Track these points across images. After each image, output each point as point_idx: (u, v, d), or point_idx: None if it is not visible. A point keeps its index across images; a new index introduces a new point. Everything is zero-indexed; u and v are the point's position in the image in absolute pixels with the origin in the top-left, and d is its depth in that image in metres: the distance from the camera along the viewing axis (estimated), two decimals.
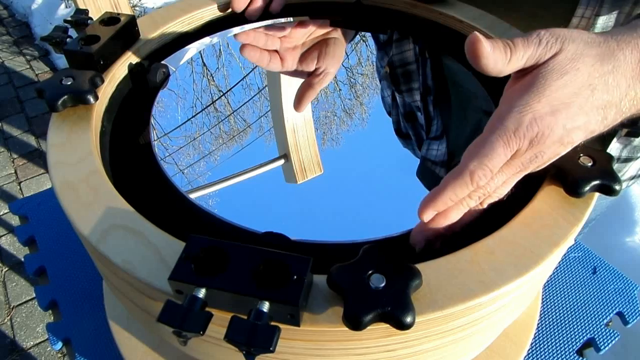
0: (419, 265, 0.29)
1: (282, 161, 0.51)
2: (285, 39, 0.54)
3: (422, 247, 0.34)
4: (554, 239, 0.32)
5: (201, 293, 0.27)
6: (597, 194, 0.36)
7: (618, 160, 0.62)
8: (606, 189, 0.35)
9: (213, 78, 0.60)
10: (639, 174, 0.68)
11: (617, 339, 0.58)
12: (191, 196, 0.41)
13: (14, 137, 2.04)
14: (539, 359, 0.56)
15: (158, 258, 0.31)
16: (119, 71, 0.49)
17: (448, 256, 0.31)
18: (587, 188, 0.34)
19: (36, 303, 1.44)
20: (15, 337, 1.39)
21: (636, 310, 0.61)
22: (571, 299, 0.61)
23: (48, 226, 0.71)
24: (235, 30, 0.59)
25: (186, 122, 0.53)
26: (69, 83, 0.42)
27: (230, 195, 0.46)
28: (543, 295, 0.62)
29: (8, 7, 2.90)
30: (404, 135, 0.57)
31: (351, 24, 0.59)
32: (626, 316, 0.60)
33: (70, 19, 0.50)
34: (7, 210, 1.72)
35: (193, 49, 0.57)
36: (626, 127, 0.36)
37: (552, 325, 0.59)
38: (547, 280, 0.61)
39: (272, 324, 0.26)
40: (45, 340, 1.38)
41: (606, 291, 0.62)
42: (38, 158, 1.95)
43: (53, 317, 0.62)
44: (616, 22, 0.52)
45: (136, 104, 0.49)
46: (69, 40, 0.47)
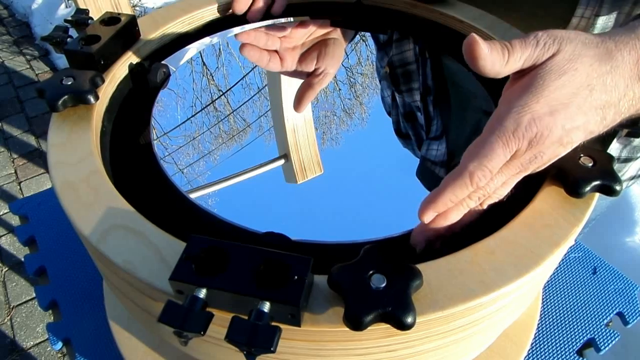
0: (419, 266, 0.29)
1: (282, 161, 0.51)
2: (285, 39, 0.54)
3: (423, 248, 0.34)
4: (554, 239, 0.32)
5: (202, 293, 0.27)
6: (598, 195, 0.36)
7: (618, 160, 0.62)
8: (607, 190, 0.35)
9: (213, 77, 0.60)
10: (639, 174, 0.68)
11: (617, 339, 0.58)
12: (191, 196, 0.41)
13: (14, 137, 2.04)
14: (539, 359, 0.56)
15: (159, 258, 0.31)
16: (119, 71, 0.49)
17: (448, 256, 0.31)
18: (588, 188, 0.34)
19: (36, 303, 1.44)
20: (15, 337, 1.39)
21: (636, 311, 0.61)
22: (571, 299, 0.61)
23: (48, 226, 0.71)
24: (236, 31, 0.59)
25: (186, 122, 0.53)
26: (70, 83, 0.42)
27: (230, 195, 0.46)
28: (543, 295, 0.62)
29: (8, 7, 2.90)
30: (403, 135, 0.57)
31: (351, 24, 0.59)
32: (626, 316, 0.60)
33: (70, 18, 0.50)
34: (7, 210, 1.72)
35: (193, 49, 0.57)
36: (626, 128, 0.36)
37: (552, 326, 0.59)
38: (547, 281, 0.61)
39: (273, 324, 0.26)
40: (45, 340, 1.38)
41: (606, 291, 0.62)
42: (38, 158, 1.95)
43: (53, 317, 0.62)
44: (616, 22, 0.52)
45: (136, 104, 0.49)
46: (69, 40, 0.47)
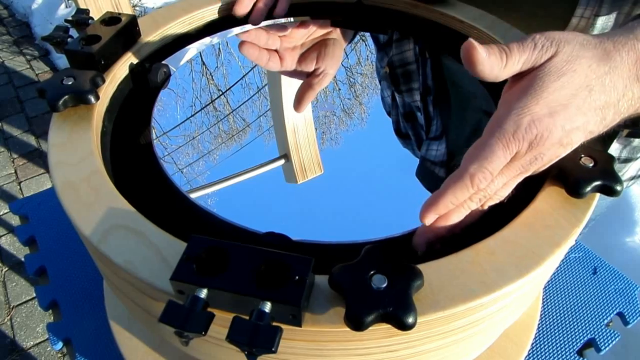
0: (420, 266, 0.29)
1: (283, 161, 0.51)
2: (285, 39, 0.53)
3: (424, 250, 0.34)
4: (555, 240, 0.32)
5: (203, 293, 0.27)
6: (598, 195, 0.36)
7: (618, 160, 0.62)
8: (607, 190, 0.35)
9: (212, 77, 0.60)
10: (639, 174, 0.68)
11: (618, 339, 0.58)
12: (192, 196, 0.41)
13: (14, 137, 2.04)
14: (539, 359, 0.56)
15: (159, 258, 0.31)
16: (120, 71, 0.49)
17: (449, 257, 0.31)
18: (589, 189, 0.34)
19: (36, 303, 1.44)
20: (15, 337, 1.39)
21: (637, 311, 0.61)
22: (571, 300, 0.61)
23: (48, 226, 0.71)
24: (236, 31, 0.59)
25: (185, 121, 0.53)
26: (70, 83, 0.42)
27: (230, 195, 0.46)
28: (543, 295, 0.62)
29: (8, 7, 2.90)
30: (403, 135, 0.57)
31: (352, 24, 0.59)
32: (627, 316, 0.60)
33: (71, 18, 0.50)
34: (7, 210, 1.72)
35: (193, 49, 0.57)
36: (627, 128, 0.36)
37: (553, 326, 0.59)
38: (548, 281, 0.61)
39: (274, 324, 0.26)
40: (45, 340, 1.38)
41: (606, 291, 0.62)
42: (38, 158, 1.95)
43: (53, 317, 0.62)
44: (615, 22, 0.52)
45: (137, 104, 0.49)
46: (70, 40, 0.47)
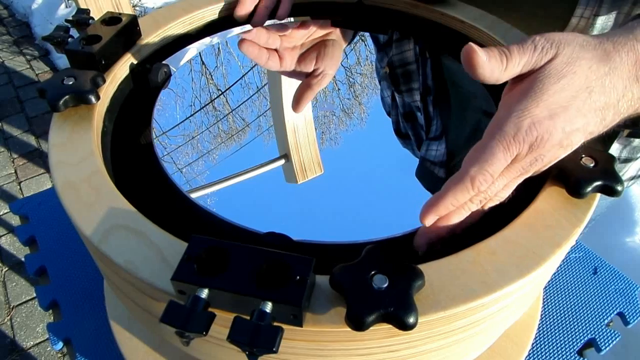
0: (421, 266, 0.29)
1: (283, 161, 0.51)
2: (285, 38, 0.53)
3: (425, 251, 0.34)
4: (556, 240, 0.32)
5: (204, 293, 0.27)
6: (599, 195, 0.36)
7: (618, 160, 0.62)
8: (608, 190, 0.35)
9: (212, 77, 0.60)
10: (639, 174, 0.68)
11: (618, 339, 0.58)
12: (192, 196, 0.41)
13: (14, 137, 2.04)
14: (539, 359, 0.56)
15: (160, 258, 0.31)
16: (120, 71, 0.49)
17: (450, 257, 0.31)
18: (589, 189, 0.34)
19: (36, 303, 1.44)
20: (15, 337, 1.39)
21: (637, 311, 0.61)
22: (572, 300, 0.61)
23: (49, 226, 0.71)
24: (236, 31, 0.59)
25: (185, 121, 0.53)
26: (71, 83, 0.42)
27: (230, 195, 0.46)
28: (544, 295, 0.62)
29: (8, 7, 2.90)
30: (403, 135, 0.57)
31: (352, 24, 0.59)
32: (627, 316, 0.60)
33: (71, 18, 0.50)
34: (7, 210, 1.72)
35: (194, 49, 0.57)
36: (627, 128, 0.36)
37: (553, 326, 0.59)
38: (548, 281, 0.61)
39: (275, 324, 0.26)
40: (45, 340, 1.38)
41: (607, 291, 0.62)
42: (38, 158, 1.95)
43: (53, 317, 0.62)
44: (615, 22, 0.52)
45: (138, 104, 0.49)
46: (70, 40, 0.47)
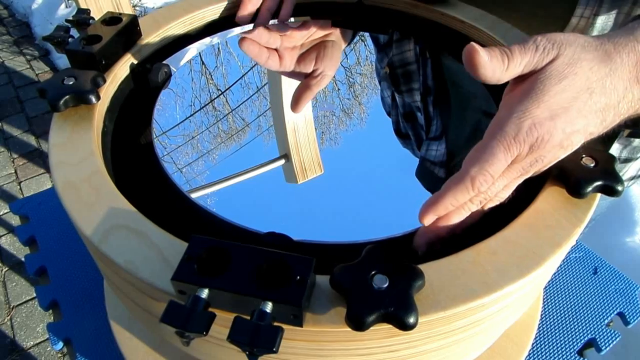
0: (421, 266, 0.29)
1: (283, 161, 0.51)
2: (286, 38, 0.53)
3: (425, 251, 0.34)
4: (556, 240, 0.32)
5: (204, 293, 0.27)
6: (599, 195, 0.36)
7: (618, 160, 0.62)
8: (608, 190, 0.35)
9: (212, 77, 0.60)
10: (639, 175, 0.68)
11: (618, 339, 0.58)
12: (192, 196, 0.41)
13: (14, 137, 2.04)
14: (539, 359, 0.56)
15: (160, 258, 0.31)
16: (120, 71, 0.49)
17: (451, 257, 0.31)
18: (590, 189, 0.34)
19: (36, 303, 1.44)
20: (15, 337, 1.39)
21: (637, 311, 0.61)
22: (572, 300, 0.61)
23: (49, 226, 0.71)
24: (237, 31, 0.59)
25: (185, 121, 0.53)
26: (71, 83, 0.42)
27: (230, 195, 0.46)
28: (544, 295, 0.62)
29: (8, 7, 2.90)
30: (403, 135, 0.57)
31: (353, 24, 0.59)
32: (627, 316, 0.60)
33: (72, 18, 0.50)
34: (7, 210, 1.72)
35: (194, 49, 0.57)
36: (628, 128, 0.36)
37: (553, 326, 0.59)
38: (548, 281, 0.61)
39: (275, 324, 0.26)
40: (45, 340, 1.38)
41: (607, 291, 0.62)
42: (38, 158, 1.95)
43: (53, 317, 0.62)
44: (615, 22, 0.52)
45: (138, 104, 0.49)
46: (70, 40, 0.47)
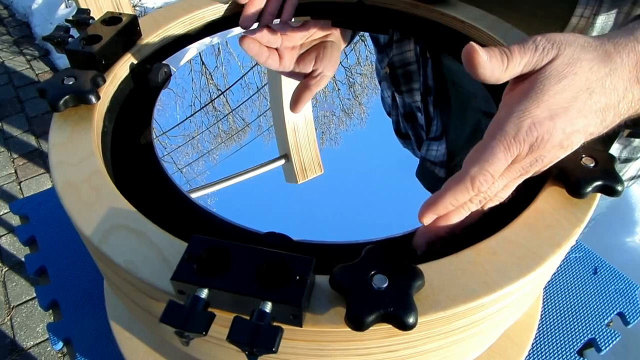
0: (421, 266, 0.29)
1: (283, 161, 0.51)
2: (286, 38, 0.53)
3: (424, 250, 0.34)
4: (556, 240, 0.32)
5: (204, 293, 0.27)
6: (599, 195, 0.36)
7: (618, 160, 0.62)
8: (608, 190, 0.35)
9: (212, 77, 0.60)
10: (639, 175, 0.68)
11: (618, 339, 0.58)
12: (192, 196, 0.41)
13: (14, 137, 2.04)
14: (539, 359, 0.56)
15: (160, 258, 0.31)
16: (120, 71, 0.49)
17: (450, 257, 0.31)
18: (590, 189, 0.34)
19: (36, 303, 1.44)
20: (15, 337, 1.39)
21: (637, 311, 0.61)
22: (572, 300, 0.61)
23: (49, 226, 0.71)
24: (236, 31, 0.59)
25: (185, 121, 0.53)
26: (71, 83, 0.42)
27: (230, 195, 0.46)
28: (544, 295, 0.62)
29: (8, 7, 2.90)
30: (403, 135, 0.57)
31: (353, 24, 0.59)
32: (627, 316, 0.60)
33: (71, 18, 0.50)
34: (7, 210, 1.72)
35: (194, 49, 0.57)
36: (628, 128, 0.36)
37: (553, 326, 0.59)
38: (548, 281, 0.61)
39: (275, 324, 0.26)
40: (45, 340, 1.38)
41: (607, 291, 0.62)
42: (38, 158, 1.95)
43: (53, 317, 0.62)
44: (615, 22, 0.52)
45: (138, 104, 0.49)
46: (70, 40, 0.47)
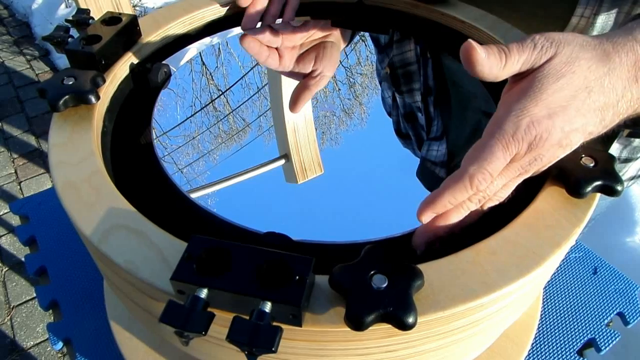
0: (421, 266, 0.29)
1: (283, 161, 0.51)
2: (286, 38, 0.54)
3: (423, 250, 0.34)
4: (556, 240, 0.32)
5: (203, 293, 0.27)
6: (599, 195, 0.36)
7: (618, 160, 0.62)
8: (608, 190, 0.35)
9: (212, 77, 0.60)
10: (639, 174, 0.68)
11: (618, 339, 0.58)
12: (192, 196, 0.41)
13: (14, 137, 2.04)
14: (539, 359, 0.56)
15: (160, 258, 0.31)
16: (120, 71, 0.49)
17: (450, 257, 0.31)
18: (589, 189, 0.34)
19: (36, 303, 1.44)
20: (15, 337, 1.39)
21: (637, 311, 0.61)
22: (572, 300, 0.61)
23: (49, 226, 0.71)
24: (236, 31, 0.59)
25: (185, 121, 0.53)
26: (71, 83, 0.42)
27: (230, 195, 0.46)
28: (544, 295, 0.62)
29: (8, 7, 2.90)
30: (404, 135, 0.57)
31: (353, 24, 0.59)
32: (627, 316, 0.60)
33: (71, 18, 0.50)
34: (7, 210, 1.72)
35: (194, 49, 0.57)
36: (627, 128, 0.36)
37: (553, 326, 0.59)
38: (548, 281, 0.61)
39: (274, 324, 0.26)
40: (45, 340, 1.38)
41: (607, 291, 0.62)
42: (38, 158, 1.95)
43: (53, 317, 0.62)
44: (615, 22, 0.52)
45: (138, 104, 0.49)
46: (70, 40, 0.47)
